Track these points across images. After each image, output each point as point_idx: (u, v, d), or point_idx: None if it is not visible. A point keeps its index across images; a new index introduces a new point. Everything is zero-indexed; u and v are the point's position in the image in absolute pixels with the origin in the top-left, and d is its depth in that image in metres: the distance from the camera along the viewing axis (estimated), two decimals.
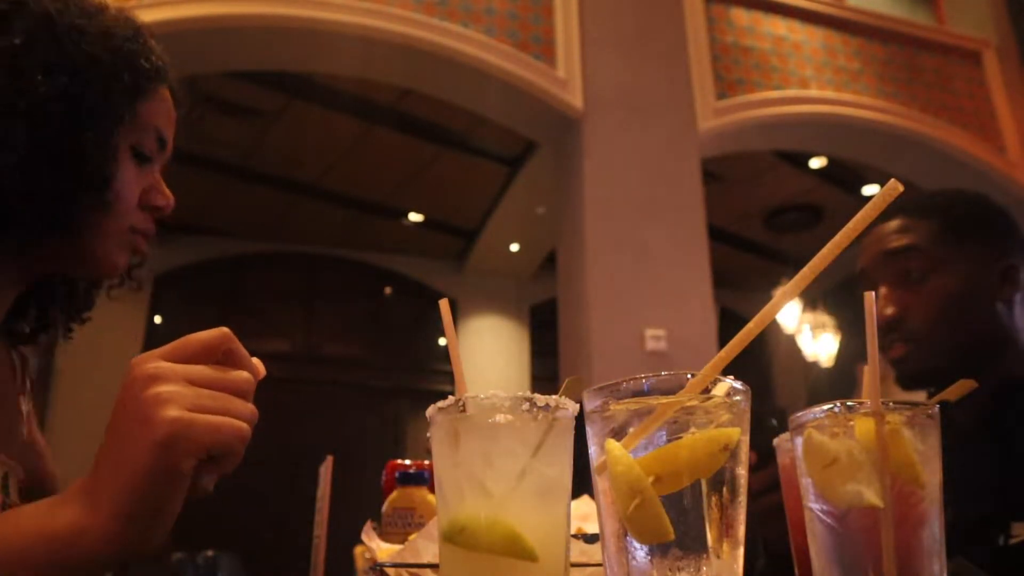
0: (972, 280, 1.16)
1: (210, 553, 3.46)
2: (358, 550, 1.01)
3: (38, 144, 0.71)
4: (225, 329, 0.58)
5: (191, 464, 0.53)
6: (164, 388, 0.53)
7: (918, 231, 1.18)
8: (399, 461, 1.13)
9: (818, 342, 6.17)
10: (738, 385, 0.53)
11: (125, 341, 5.60)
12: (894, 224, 1.21)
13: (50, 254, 0.79)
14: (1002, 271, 1.17)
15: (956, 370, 1.12)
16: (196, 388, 0.54)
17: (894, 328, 1.17)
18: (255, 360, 0.60)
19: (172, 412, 0.52)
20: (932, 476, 0.57)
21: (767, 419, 1.02)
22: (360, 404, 6.69)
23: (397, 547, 0.81)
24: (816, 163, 5.96)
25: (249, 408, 0.57)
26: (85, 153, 0.74)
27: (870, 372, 0.58)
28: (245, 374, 0.58)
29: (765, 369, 7.58)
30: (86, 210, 0.76)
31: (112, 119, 0.76)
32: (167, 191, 0.86)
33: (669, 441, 0.51)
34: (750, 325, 0.52)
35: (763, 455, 1.04)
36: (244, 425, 0.55)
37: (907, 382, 1.20)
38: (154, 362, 0.55)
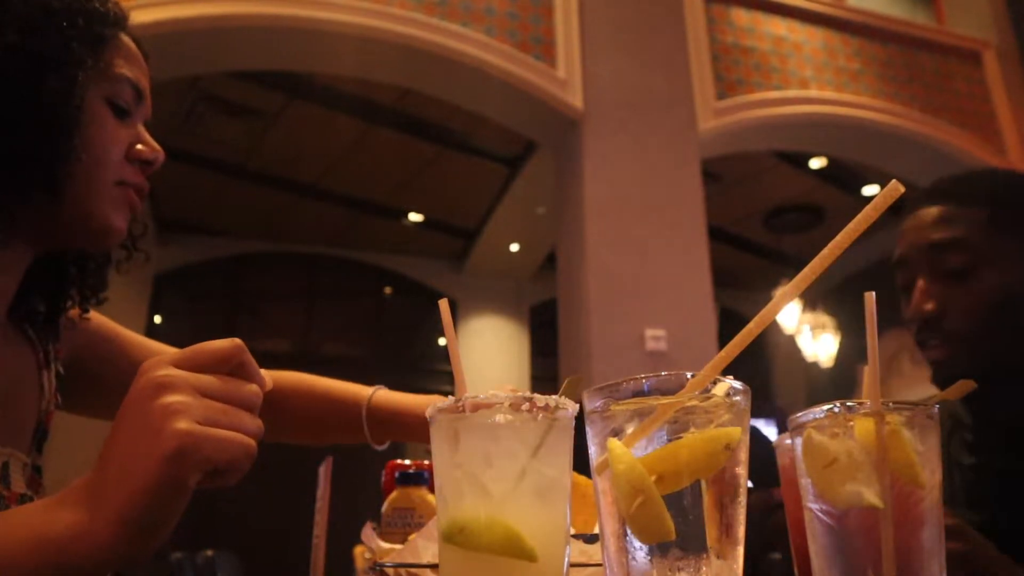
0: (1018, 276, 1.07)
1: (210, 553, 3.45)
2: (358, 550, 1.01)
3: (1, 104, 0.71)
4: (238, 340, 0.57)
5: (197, 478, 0.52)
6: (175, 399, 0.52)
7: (963, 222, 1.08)
8: (399, 461, 1.13)
9: (818, 342, 6.17)
10: (738, 385, 0.53)
11: None
12: (936, 212, 1.11)
13: (46, 223, 0.79)
14: None
15: (1000, 374, 1.02)
16: (206, 401, 0.53)
17: (933, 326, 1.09)
18: (262, 371, 0.60)
19: (182, 425, 0.51)
20: (932, 476, 0.57)
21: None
22: None
23: (397, 547, 0.81)
24: (816, 163, 5.96)
25: (256, 423, 0.56)
26: (50, 105, 0.73)
27: (870, 372, 0.58)
28: (255, 387, 0.57)
29: (765, 369, 7.58)
30: (64, 167, 0.75)
31: (74, 67, 0.75)
32: (153, 142, 0.85)
33: (669, 441, 0.51)
34: (750, 325, 0.52)
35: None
36: (252, 442, 0.55)
37: (945, 385, 1.16)
38: (165, 369, 0.54)
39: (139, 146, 0.83)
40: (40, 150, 0.73)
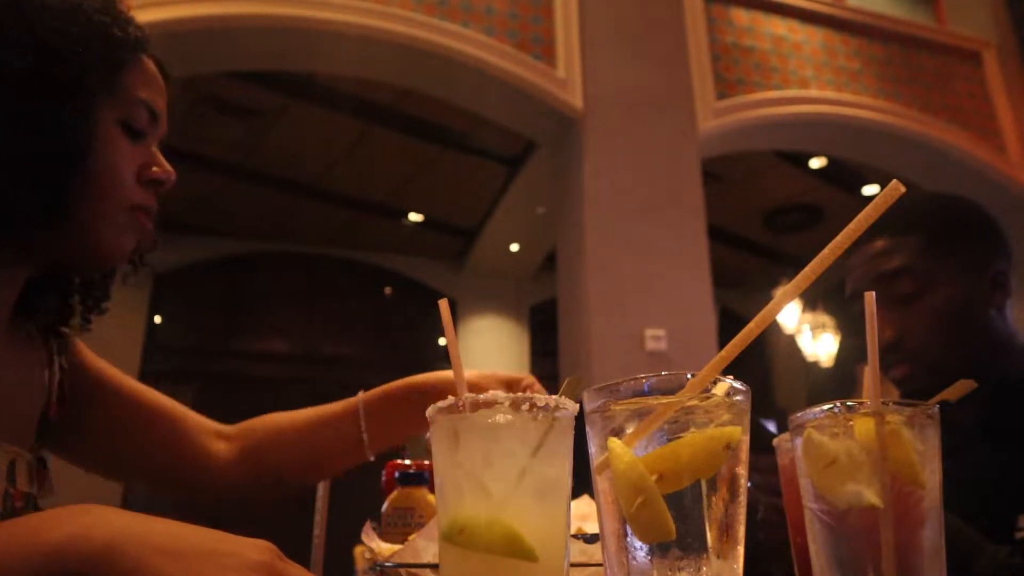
0: (964, 292, 1.17)
1: None
2: (358, 550, 1.01)
3: (14, 128, 0.71)
4: None
5: None
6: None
7: (905, 250, 1.18)
8: (399, 461, 1.13)
9: (818, 342, 6.17)
10: (738, 385, 0.53)
11: (125, 341, 5.60)
12: (880, 244, 1.20)
13: (51, 245, 0.78)
14: (992, 278, 1.18)
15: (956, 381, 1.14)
16: None
17: (894, 349, 1.18)
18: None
19: None
20: (932, 476, 0.57)
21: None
22: None
23: (397, 547, 0.81)
24: (816, 163, 5.96)
25: None
26: (63, 130, 0.73)
27: (870, 372, 0.58)
28: None
29: (765, 369, 7.58)
30: (75, 191, 0.75)
31: (89, 92, 0.75)
32: (166, 164, 0.85)
33: (669, 441, 0.51)
34: (751, 325, 0.52)
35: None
36: None
37: (912, 398, 1.21)
38: (284, 564, 0.55)
39: (152, 168, 0.83)
40: (51, 174, 0.73)
